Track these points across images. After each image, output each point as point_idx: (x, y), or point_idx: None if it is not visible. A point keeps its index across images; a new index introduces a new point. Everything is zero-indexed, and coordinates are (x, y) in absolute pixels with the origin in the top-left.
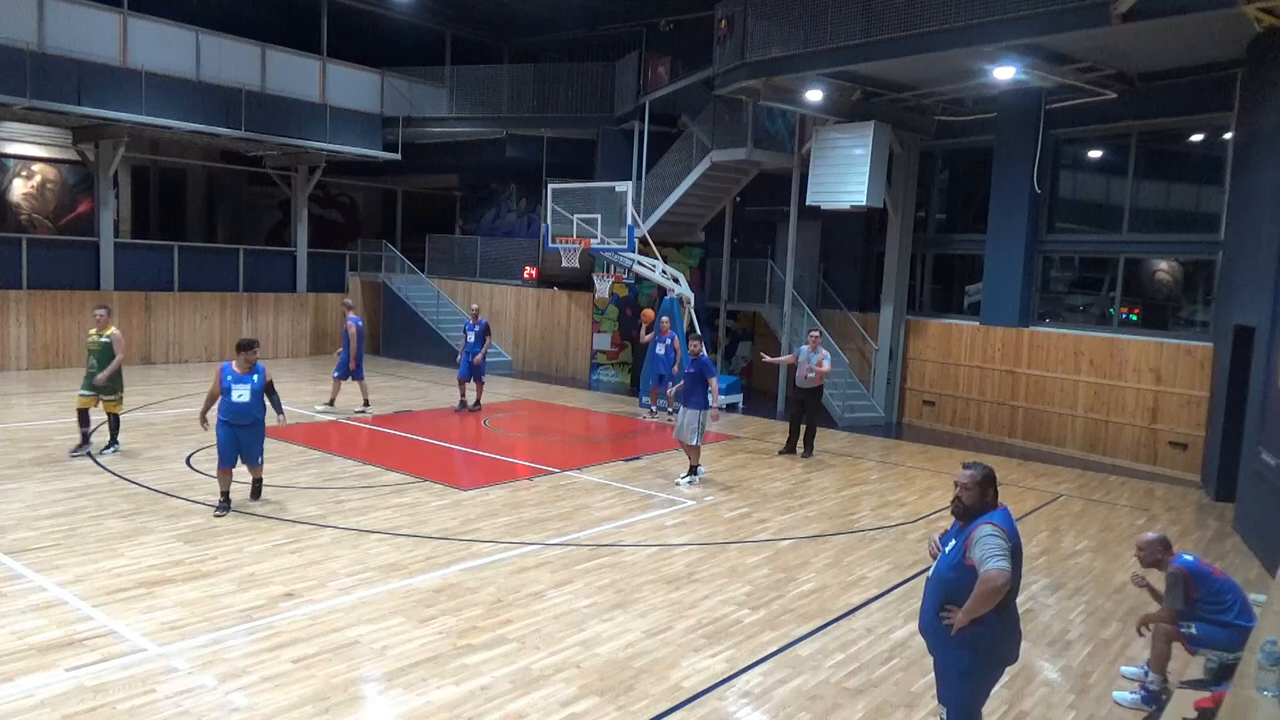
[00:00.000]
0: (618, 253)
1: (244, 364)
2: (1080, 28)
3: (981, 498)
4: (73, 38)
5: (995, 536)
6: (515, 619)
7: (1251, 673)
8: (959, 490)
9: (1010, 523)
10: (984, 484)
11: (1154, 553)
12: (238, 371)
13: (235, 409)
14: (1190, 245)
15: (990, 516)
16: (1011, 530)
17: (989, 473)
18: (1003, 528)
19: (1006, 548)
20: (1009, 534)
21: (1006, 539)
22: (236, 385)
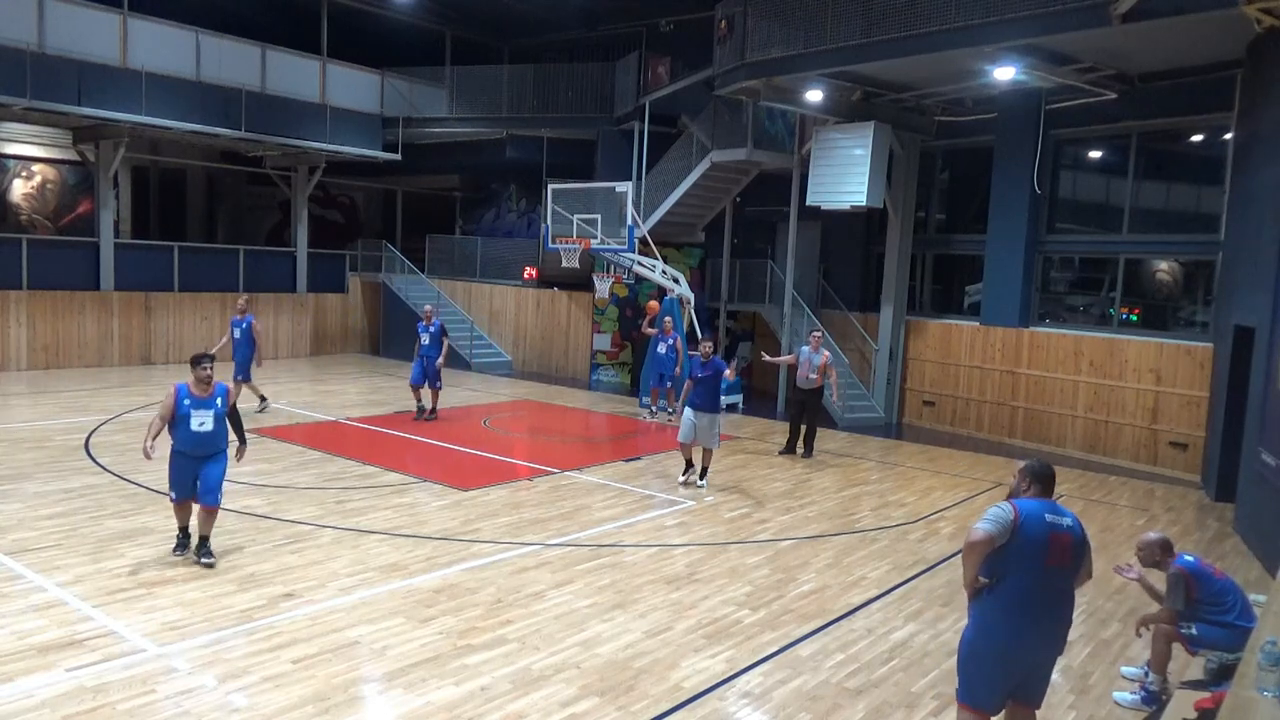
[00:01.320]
0: (618, 253)
1: (201, 385)
2: (1080, 28)
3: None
4: (73, 38)
5: (996, 507)
6: (515, 619)
7: (1251, 673)
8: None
9: (1033, 509)
10: (1024, 476)
11: (1153, 554)
12: (196, 395)
13: (196, 440)
14: (1190, 245)
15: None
16: (1026, 510)
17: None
18: (1015, 506)
19: (998, 515)
20: (1020, 511)
21: (1006, 512)
22: (196, 412)
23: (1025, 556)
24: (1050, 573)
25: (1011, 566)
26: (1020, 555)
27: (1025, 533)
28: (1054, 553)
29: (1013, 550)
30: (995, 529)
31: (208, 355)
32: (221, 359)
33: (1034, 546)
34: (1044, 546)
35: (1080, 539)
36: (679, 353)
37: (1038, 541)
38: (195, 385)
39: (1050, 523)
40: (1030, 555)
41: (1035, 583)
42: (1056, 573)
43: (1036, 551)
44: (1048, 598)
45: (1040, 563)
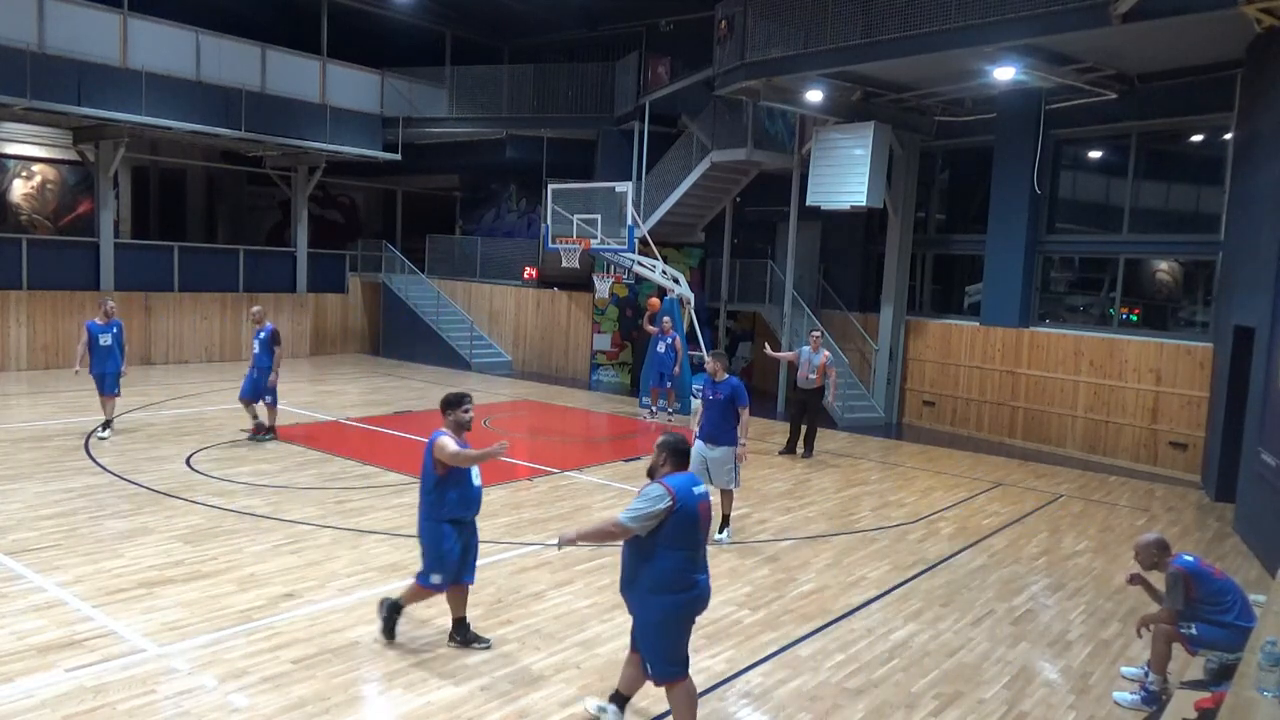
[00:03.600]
0: (618, 253)
1: (462, 429)
2: (1080, 28)
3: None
4: (73, 38)
5: (649, 488)
6: (515, 619)
7: (1252, 673)
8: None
9: (682, 484)
10: (661, 451)
11: (1150, 555)
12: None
13: (475, 497)
14: (1190, 245)
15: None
16: (678, 486)
17: (672, 443)
18: (666, 484)
19: (654, 496)
20: (673, 488)
21: (661, 493)
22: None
23: (687, 526)
24: (703, 536)
25: (672, 536)
26: (682, 525)
27: (685, 508)
28: (704, 519)
29: (674, 523)
30: (650, 509)
31: (468, 395)
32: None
33: (691, 518)
34: (697, 515)
35: (710, 505)
36: (678, 352)
37: (692, 513)
38: (458, 430)
39: (697, 494)
40: (687, 523)
41: (698, 545)
42: (704, 540)
43: (693, 521)
44: (702, 557)
45: (695, 529)
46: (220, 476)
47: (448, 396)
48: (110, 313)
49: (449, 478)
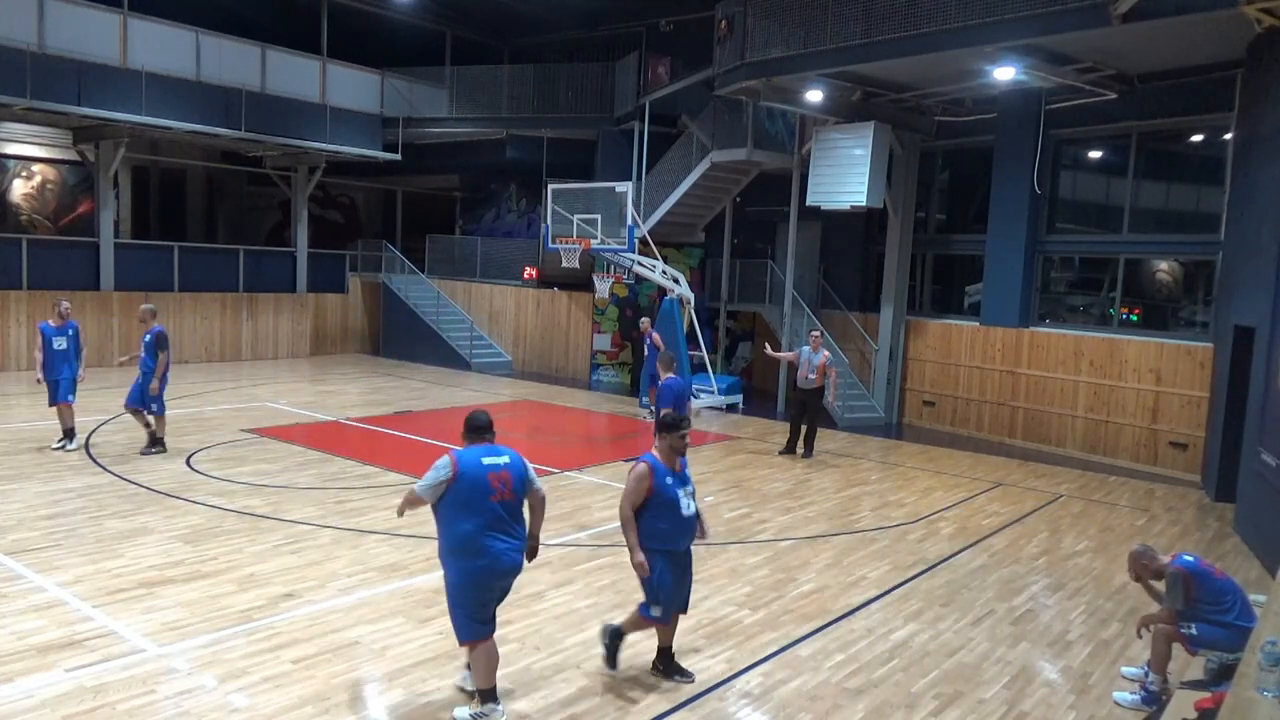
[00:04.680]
0: (618, 253)
1: (674, 456)
2: (1080, 28)
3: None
4: (73, 38)
5: (438, 462)
6: (515, 619)
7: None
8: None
9: (470, 455)
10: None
11: (1139, 563)
12: (671, 468)
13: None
14: (1190, 245)
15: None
16: (463, 458)
17: (470, 419)
18: (453, 456)
19: (437, 468)
20: (457, 459)
21: (445, 465)
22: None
23: (473, 495)
24: (500, 505)
25: (457, 503)
26: (466, 493)
27: (466, 475)
28: (496, 488)
29: (457, 490)
30: (433, 480)
31: (686, 419)
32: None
33: (479, 487)
34: (486, 485)
35: (519, 472)
36: (660, 349)
37: (480, 482)
38: (668, 458)
39: (487, 464)
40: (473, 492)
41: (492, 513)
42: (506, 505)
43: (481, 490)
44: (503, 522)
45: (485, 498)
46: (220, 476)
47: (666, 418)
48: (65, 314)
49: (656, 508)
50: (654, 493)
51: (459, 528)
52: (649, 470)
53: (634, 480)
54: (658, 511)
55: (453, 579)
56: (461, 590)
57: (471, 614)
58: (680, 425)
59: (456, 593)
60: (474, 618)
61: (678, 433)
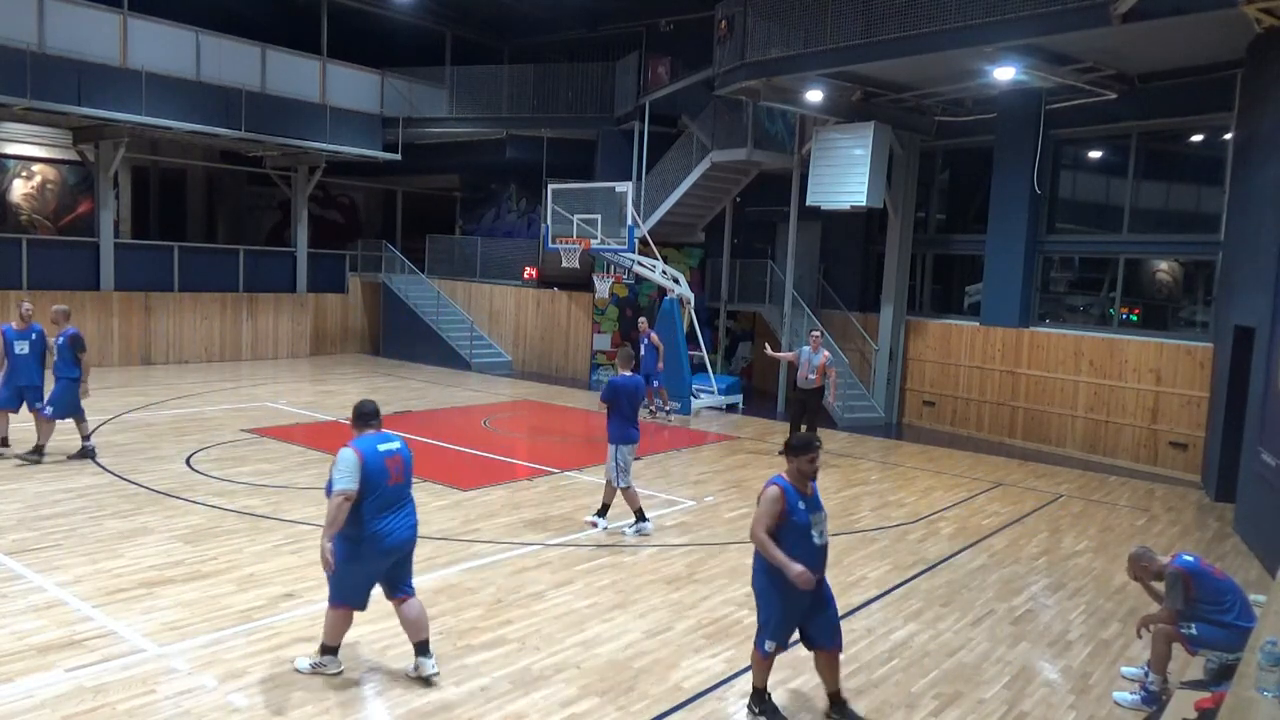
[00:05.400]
0: (618, 253)
1: (804, 480)
2: (1080, 28)
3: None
4: (73, 38)
5: (342, 457)
6: (515, 619)
7: (1251, 673)
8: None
9: (367, 445)
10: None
11: (1137, 564)
12: (801, 491)
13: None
14: (1190, 245)
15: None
16: (364, 448)
17: (359, 408)
18: (356, 448)
19: (349, 465)
20: (360, 451)
21: (354, 458)
22: (814, 517)
23: (373, 479)
24: (393, 489)
25: (369, 487)
26: (369, 480)
27: (368, 463)
28: (391, 472)
29: (365, 475)
30: (357, 475)
31: (817, 441)
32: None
33: (378, 471)
34: (385, 470)
35: (408, 459)
36: (659, 349)
37: (379, 467)
38: (797, 481)
39: (383, 451)
40: (378, 476)
41: (386, 495)
42: (398, 488)
43: (380, 474)
44: (394, 502)
45: (383, 481)
46: (220, 476)
47: (796, 440)
48: (27, 316)
49: (784, 534)
50: (784, 518)
51: (355, 509)
52: (781, 493)
53: (767, 502)
54: (787, 538)
55: (342, 555)
56: (348, 564)
57: (351, 585)
58: (809, 448)
59: (342, 566)
60: (354, 589)
61: (806, 456)
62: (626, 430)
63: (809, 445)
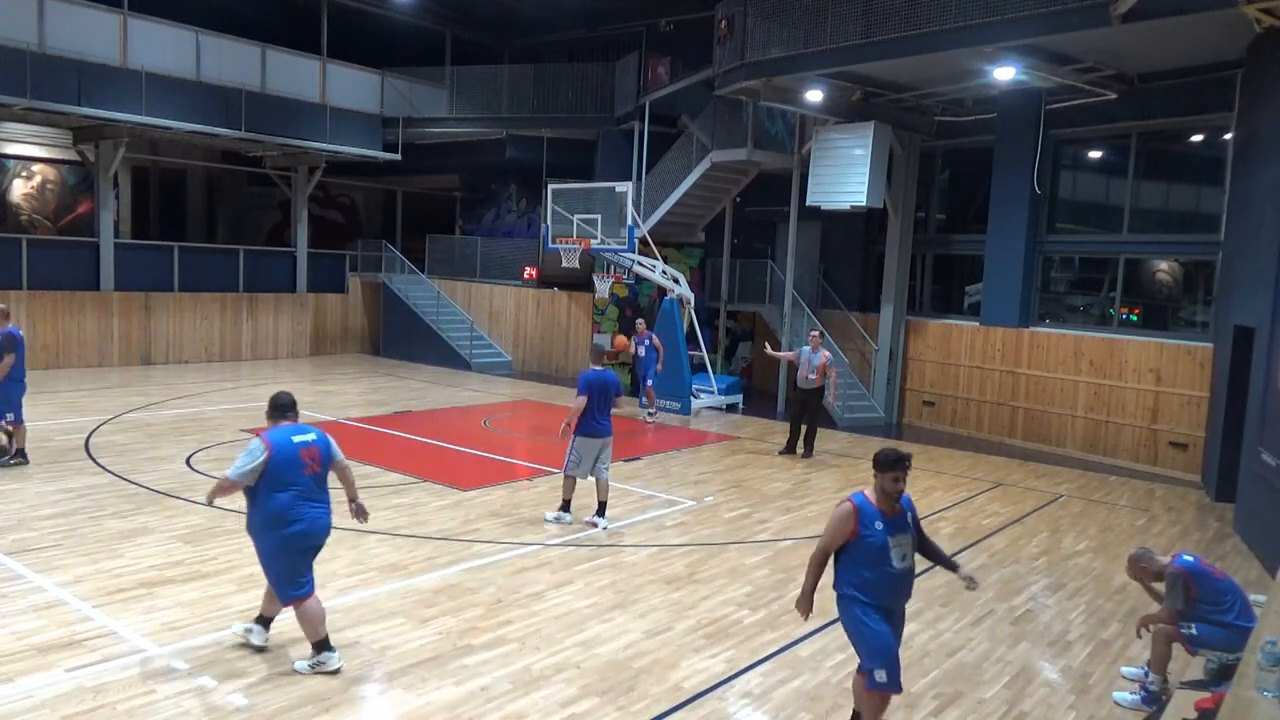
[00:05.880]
0: (618, 253)
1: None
2: (1080, 28)
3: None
4: (73, 38)
5: (248, 446)
6: (515, 619)
7: (1252, 673)
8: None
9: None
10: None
11: (1138, 566)
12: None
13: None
14: (1190, 245)
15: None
16: (274, 438)
17: (274, 400)
18: (265, 438)
19: (251, 452)
20: (269, 441)
21: (259, 448)
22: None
23: (288, 470)
24: (311, 478)
25: (274, 480)
26: (282, 470)
27: (280, 454)
28: (307, 462)
29: (274, 469)
30: (250, 464)
31: (907, 457)
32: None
33: (292, 462)
34: (299, 460)
35: (325, 447)
36: (659, 350)
37: (293, 458)
38: (881, 499)
39: (298, 442)
40: (288, 467)
41: (305, 485)
42: (316, 477)
43: (295, 465)
44: (313, 492)
45: (299, 472)
46: (220, 476)
47: (882, 455)
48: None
49: (859, 554)
50: (857, 536)
51: (274, 500)
52: (853, 511)
53: (835, 520)
54: (861, 558)
55: (267, 549)
56: (275, 557)
57: (289, 578)
58: (897, 464)
59: (271, 560)
60: (292, 581)
61: (890, 474)
62: (589, 423)
63: (894, 462)
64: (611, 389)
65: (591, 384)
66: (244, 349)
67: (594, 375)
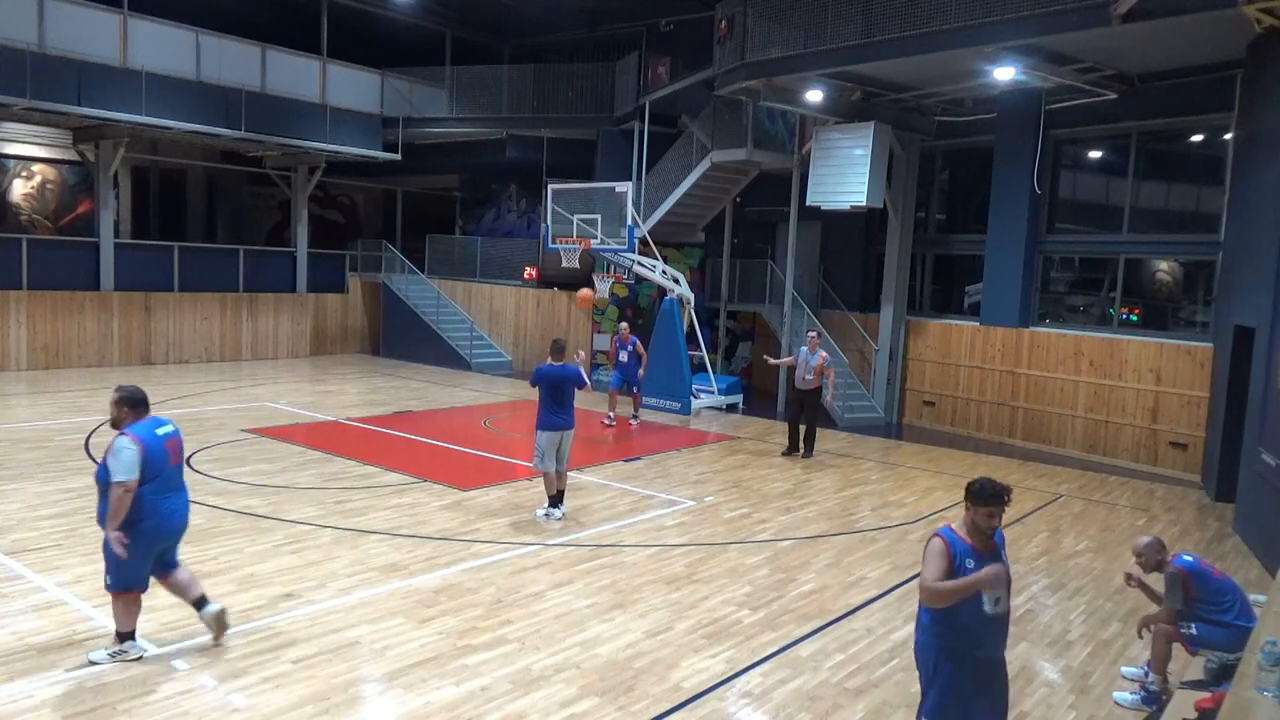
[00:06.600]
0: (618, 253)
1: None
2: (1080, 28)
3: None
4: (73, 38)
5: (121, 447)
6: (515, 619)
7: (1252, 673)
8: None
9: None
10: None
11: (1154, 554)
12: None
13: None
14: (1190, 245)
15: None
16: (141, 433)
17: (128, 393)
18: (131, 433)
19: (128, 455)
20: (137, 436)
21: (133, 448)
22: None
23: (155, 464)
24: (174, 469)
25: (152, 471)
26: (149, 464)
27: (150, 449)
28: (171, 454)
29: (144, 462)
30: (137, 465)
31: (1007, 491)
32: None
33: (159, 455)
34: (164, 452)
35: (181, 440)
36: (641, 356)
37: (159, 451)
38: (972, 534)
39: (161, 434)
40: (160, 461)
41: (169, 476)
42: (178, 467)
43: (160, 458)
44: (177, 482)
45: (164, 464)
46: (220, 476)
47: (982, 488)
48: None
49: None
50: (948, 575)
51: (143, 493)
52: (945, 547)
53: (931, 558)
54: (958, 610)
55: (131, 541)
56: (135, 548)
57: (136, 569)
58: (994, 499)
59: (130, 551)
60: (137, 572)
61: (985, 509)
62: (547, 418)
63: (992, 497)
64: (569, 383)
65: (543, 377)
66: (244, 349)
67: (547, 369)
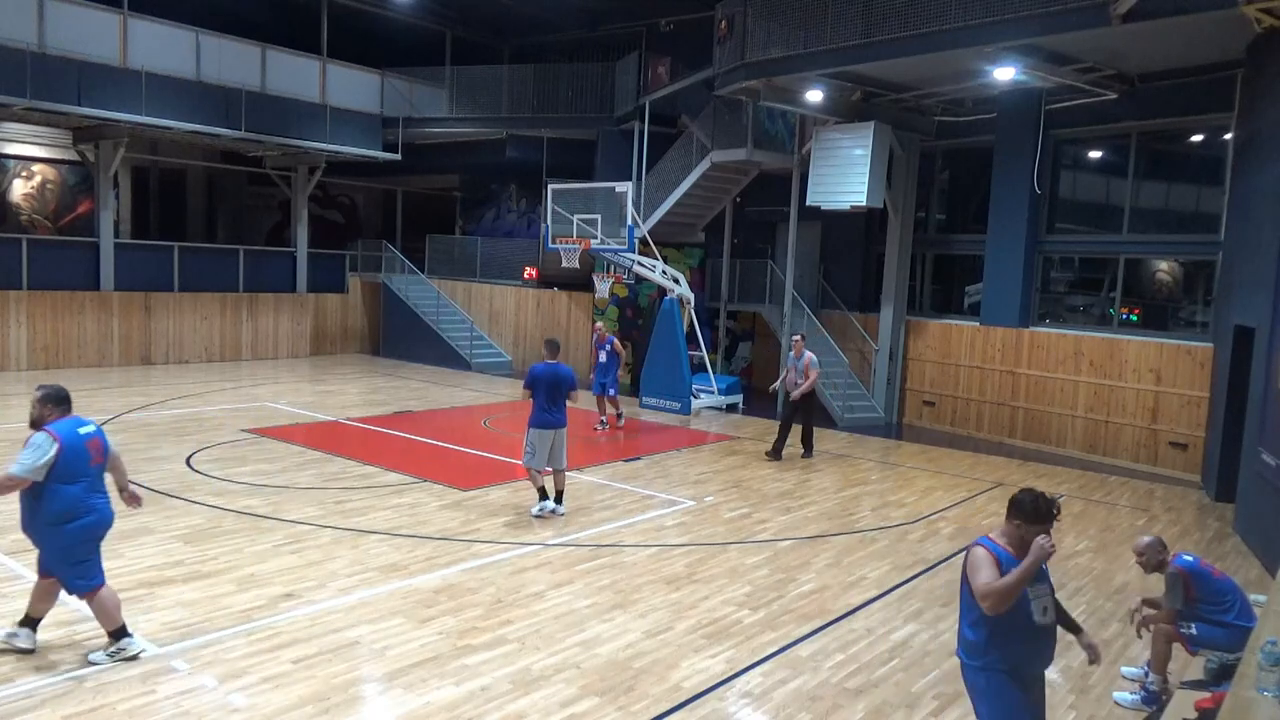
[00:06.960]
0: (618, 253)
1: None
2: (1080, 28)
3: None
4: (73, 38)
5: (35, 441)
6: (515, 619)
7: (1252, 673)
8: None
9: (65, 428)
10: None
11: (1153, 555)
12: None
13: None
14: (1190, 245)
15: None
16: (62, 431)
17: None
18: (51, 431)
19: (40, 447)
20: (58, 434)
21: (47, 442)
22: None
23: (77, 463)
24: (96, 469)
25: (64, 473)
26: (72, 463)
27: (70, 446)
28: (93, 454)
29: (64, 462)
30: (40, 459)
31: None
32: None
33: (80, 454)
34: (86, 452)
35: (104, 438)
36: (619, 355)
37: (80, 450)
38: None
39: (83, 434)
40: (77, 460)
41: (92, 476)
42: (100, 468)
43: (83, 457)
44: (99, 483)
45: (86, 464)
46: (220, 476)
47: (1034, 504)
48: None
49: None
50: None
51: (67, 493)
52: (993, 558)
53: (982, 564)
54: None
55: (62, 543)
56: (73, 549)
57: (85, 570)
58: (1049, 517)
59: (68, 553)
60: (87, 572)
61: (1036, 527)
62: (540, 415)
63: (1046, 516)
64: (563, 383)
65: (537, 378)
66: (244, 349)
67: (542, 369)
